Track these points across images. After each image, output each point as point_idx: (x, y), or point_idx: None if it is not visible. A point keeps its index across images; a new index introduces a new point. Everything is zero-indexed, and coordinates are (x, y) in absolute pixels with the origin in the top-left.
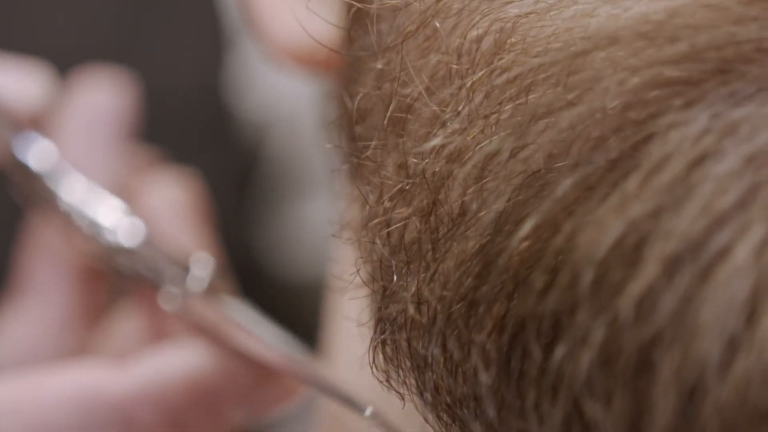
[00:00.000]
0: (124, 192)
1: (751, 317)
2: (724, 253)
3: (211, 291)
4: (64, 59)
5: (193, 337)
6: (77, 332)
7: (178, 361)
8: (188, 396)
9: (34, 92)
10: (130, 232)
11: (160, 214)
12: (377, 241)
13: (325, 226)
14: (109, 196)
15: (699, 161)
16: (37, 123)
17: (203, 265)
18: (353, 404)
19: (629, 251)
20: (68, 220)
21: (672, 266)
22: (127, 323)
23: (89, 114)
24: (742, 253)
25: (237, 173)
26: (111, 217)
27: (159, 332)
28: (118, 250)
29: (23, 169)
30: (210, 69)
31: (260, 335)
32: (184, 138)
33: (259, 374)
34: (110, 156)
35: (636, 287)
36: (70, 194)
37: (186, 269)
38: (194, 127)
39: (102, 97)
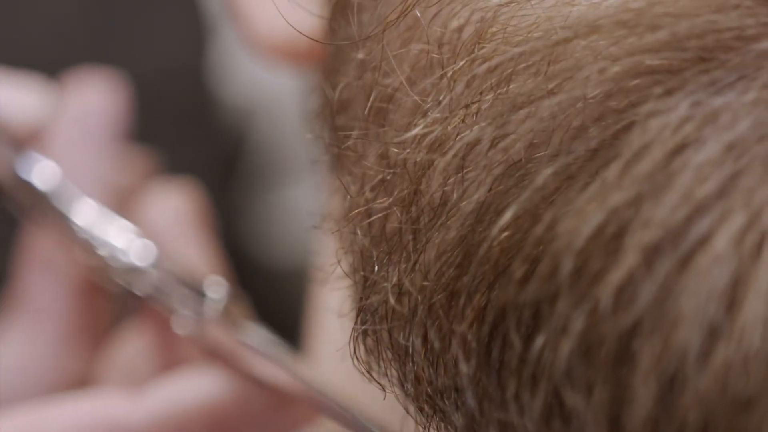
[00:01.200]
0: (125, 205)
1: (731, 306)
2: (704, 241)
3: (225, 315)
4: (46, 46)
5: (208, 362)
6: (77, 350)
7: (194, 389)
8: (205, 424)
9: (33, 108)
10: (142, 253)
11: (166, 229)
12: (358, 231)
13: (309, 212)
14: (117, 218)
15: (679, 150)
16: (37, 140)
17: (218, 288)
18: None
19: (609, 240)
20: (77, 240)
21: (652, 255)
22: (134, 344)
23: (83, 120)
24: (722, 241)
25: (220, 159)
26: (121, 237)
27: (170, 356)
28: (130, 271)
29: (28, 188)
30: (193, 55)
31: (276, 360)
32: (166, 125)
33: (275, 400)
34: (107, 162)
35: (616, 276)
36: (78, 214)
37: (200, 292)
38: (177, 113)
39: (94, 102)
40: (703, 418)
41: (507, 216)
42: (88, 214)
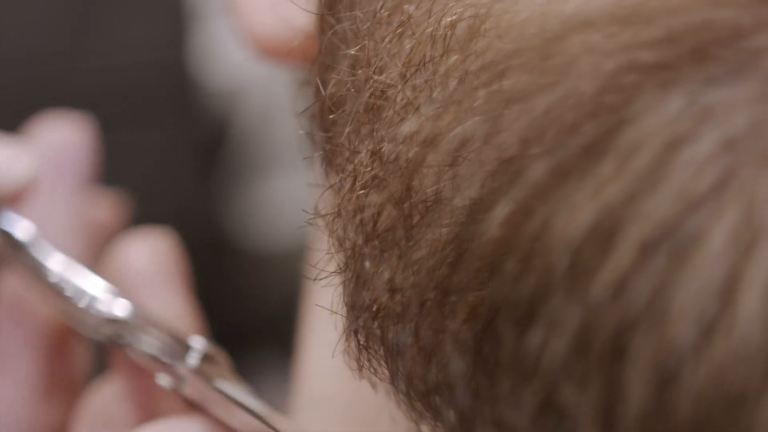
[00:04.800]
0: (98, 250)
1: (726, 301)
2: (699, 237)
3: (206, 368)
4: (26, 39)
5: (188, 413)
6: (52, 399)
7: None
8: None
9: (13, 171)
10: (119, 304)
11: (141, 280)
12: (350, 228)
13: (291, 197)
14: (92, 274)
15: (674, 145)
16: (15, 200)
17: (197, 342)
18: None
19: (604, 236)
20: (55, 291)
21: (647, 251)
22: (109, 396)
23: (58, 177)
24: (718, 237)
25: (203, 147)
26: (98, 290)
27: (148, 408)
28: (108, 322)
29: (6, 238)
30: (175, 43)
31: (258, 414)
32: (150, 112)
33: None
34: (75, 201)
35: (610, 272)
36: (55, 268)
37: (179, 344)
38: (160, 101)
39: (66, 153)
40: (699, 414)
41: (500, 212)
42: (65, 269)
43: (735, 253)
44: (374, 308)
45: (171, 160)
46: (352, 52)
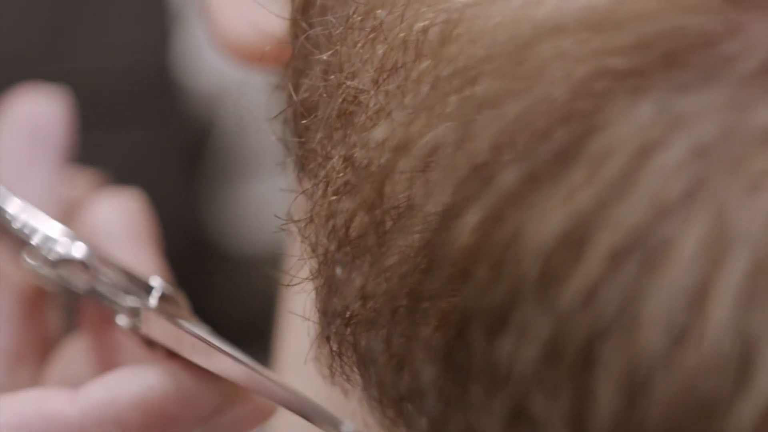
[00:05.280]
0: (67, 211)
1: (697, 310)
2: (670, 244)
3: (165, 308)
4: (6, 43)
5: (148, 356)
6: (23, 368)
7: (131, 383)
8: (143, 418)
9: None
10: (78, 245)
11: (109, 234)
12: (323, 234)
13: (274, 200)
14: (49, 219)
15: (645, 152)
16: None
17: (156, 282)
18: (329, 421)
19: (575, 244)
20: (12, 233)
21: (618, 258)
22: (75, 347)
23: (27, 129)
24: (688, 244)
25: (187, 149)
26: (56, 232)
27: (111, 353)
28: (66, 263)
29: None
30: (159, 46)
31: (223, 351)
32: (134, 114)
33: (225, 393)
34: (51, 173)
35: (581, 280)
36: (12, 209)
37: (138, 285)
38: (145, 103)
39: (37, 115)
40: (669, 423)
41: (471, 219)
42: (22, 212)
43: (705, 261)
44: (347, 315)
45: (154, 162)
46: (325, 57)
